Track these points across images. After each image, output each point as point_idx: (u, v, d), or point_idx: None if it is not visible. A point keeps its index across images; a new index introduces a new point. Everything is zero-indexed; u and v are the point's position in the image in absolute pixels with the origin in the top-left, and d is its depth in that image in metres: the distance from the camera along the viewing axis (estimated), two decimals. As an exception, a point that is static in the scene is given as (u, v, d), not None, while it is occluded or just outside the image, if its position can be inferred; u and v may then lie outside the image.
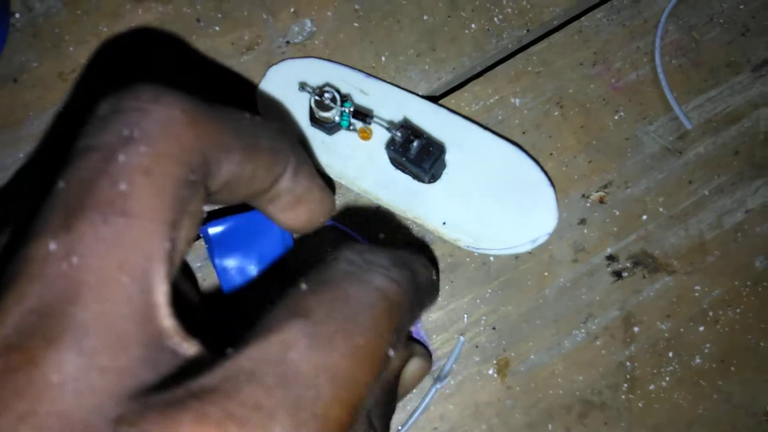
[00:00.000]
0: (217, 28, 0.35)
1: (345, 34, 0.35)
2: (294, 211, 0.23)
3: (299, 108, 0.33)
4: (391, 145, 0.31)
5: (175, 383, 0.14)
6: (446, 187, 0.33)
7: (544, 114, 0.35)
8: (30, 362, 0.13)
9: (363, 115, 0.31)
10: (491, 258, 0.34)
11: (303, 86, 0.32)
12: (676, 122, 0.35)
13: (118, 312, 0.14)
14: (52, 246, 0.14)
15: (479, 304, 0.34)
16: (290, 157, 0.21)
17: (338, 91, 0.31)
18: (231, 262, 0.31)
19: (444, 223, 0.32)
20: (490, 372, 0.34)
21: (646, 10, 0.36)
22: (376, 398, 0.21)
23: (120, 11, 0.35)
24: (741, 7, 0.36)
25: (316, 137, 0.33)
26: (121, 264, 0.14)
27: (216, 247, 0.31)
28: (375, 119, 0.31)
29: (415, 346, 0.27)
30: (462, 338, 0.33)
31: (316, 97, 0.31)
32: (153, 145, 0.16)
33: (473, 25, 0.35)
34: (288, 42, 0.35)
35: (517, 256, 0.34)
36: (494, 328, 0.34)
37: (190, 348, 0.15)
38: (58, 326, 0.13)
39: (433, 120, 0.33)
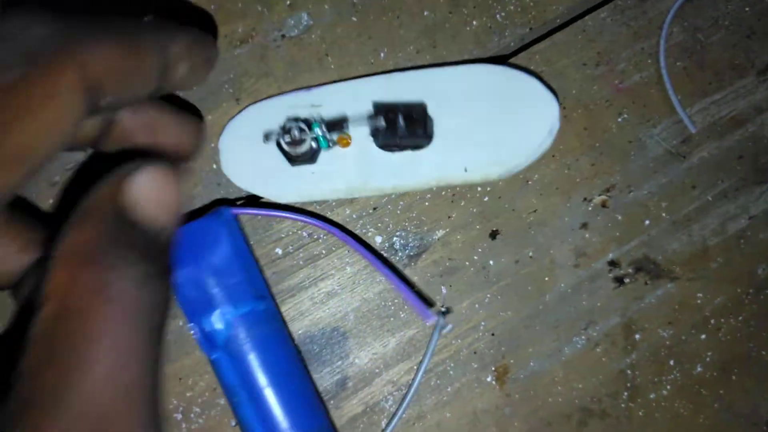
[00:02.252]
0: (210, 20, 0.34)
1: (343, 28, 0.34)
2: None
3: (272, 156, 0.31)
4: (376, 134, 0.30)
5: None
6: (446, 137, 0.31)
7: (546, 115, 0.34)
8: None
9: (338, 124, 0.30)
10: (491, 262, 0.33)
11: (267, 137, 0.31)
12: (680, 125, 0.34)
13: None
14: None
15: (478, 309, 0.33)
16: (168, 47, 0.22)
17: (299, 119, 0.30)
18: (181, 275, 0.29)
19: (466, 170, 0.31)
20: (489, 379, 0.33)
21: (650, 11, 0.35)
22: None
23: None
24: (746, 9, 0.36)
25: (303, 173, 0.31)
26: None
27: None
28: (350, 122, 0.30)
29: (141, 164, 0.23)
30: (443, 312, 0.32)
31: (285, 138, 0.29)
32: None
33: (475, 22, 0.34)
34: (284, 35, 0.33)
35: (517, 261, 0.33)
36: (493, 334, 0.33)
37: None
38: None
39: (394, 89, 0.32)
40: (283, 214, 0.31)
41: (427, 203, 0.33)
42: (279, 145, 0.30)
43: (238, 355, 0.29)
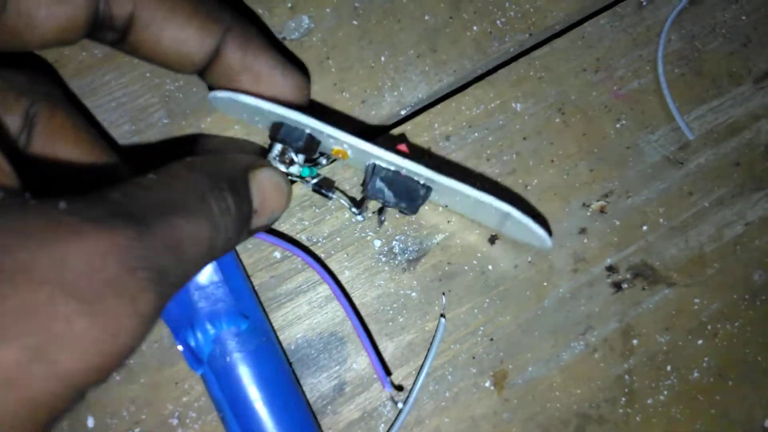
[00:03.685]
0: (209, 22, 0.33)
1: (344, 32, 0.34)
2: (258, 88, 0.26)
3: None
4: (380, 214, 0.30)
5: None
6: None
7: (545, 120, 0.34)
8: None
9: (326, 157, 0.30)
10: (489, 267, 0.33)
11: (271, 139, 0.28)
12: (678, 132, 0.35)
13: None
14: None
15: (477, 314, 0.33)
16: (227, 20, 0.25)
17: (300, 146, 0.27)
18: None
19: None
20: (487, 384, 0.33)
21: (649, 18, 0.35)
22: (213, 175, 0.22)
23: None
24: (743, 18, 0.36)
25: None
26: None
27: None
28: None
29: (266, 161, 0.26)
30: (443, 320, 0.32)
31: (277, 156, 0.27)
32: None
33: (475, 28, 0.34)
34: (284, 38, 0.33)
35: (516, 266, 0.33)
36: (491, 339, 0.33)
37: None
38: None
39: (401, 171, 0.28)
40: (273, 240, 0.31)
41: (426, 207, 0.33)
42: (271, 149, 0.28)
43: (221, 371, 0.29)
